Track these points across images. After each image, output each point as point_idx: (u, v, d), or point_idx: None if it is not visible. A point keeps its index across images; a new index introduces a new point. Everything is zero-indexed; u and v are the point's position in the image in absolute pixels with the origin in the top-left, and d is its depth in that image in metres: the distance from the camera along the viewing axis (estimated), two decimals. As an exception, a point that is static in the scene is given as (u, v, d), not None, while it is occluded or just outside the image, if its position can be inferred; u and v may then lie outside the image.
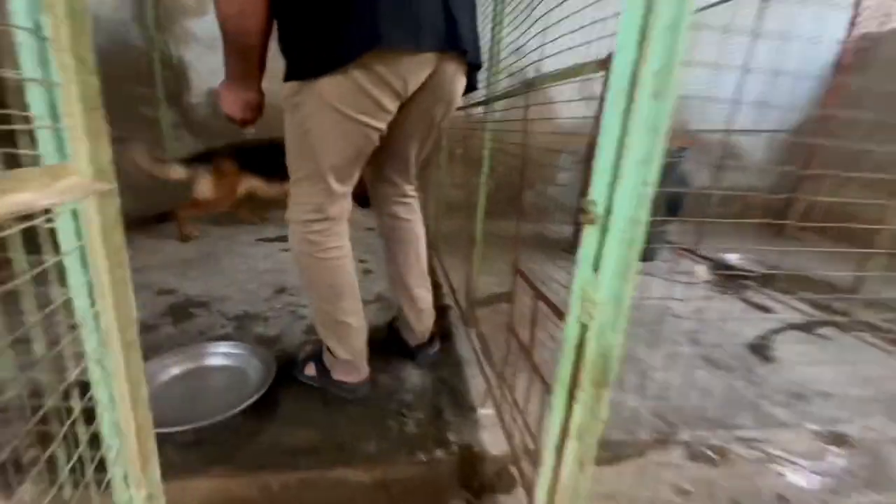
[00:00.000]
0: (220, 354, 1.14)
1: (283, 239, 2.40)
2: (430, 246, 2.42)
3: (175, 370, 1.07)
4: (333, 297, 0.98)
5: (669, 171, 2.23)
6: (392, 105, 0.85)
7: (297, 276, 1.00)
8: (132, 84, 2.57)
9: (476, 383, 1.16)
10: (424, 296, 1.18)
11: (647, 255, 2.39)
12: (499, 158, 1.26)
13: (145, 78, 2.60)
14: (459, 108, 1.42)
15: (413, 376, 1.18)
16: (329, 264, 0.95)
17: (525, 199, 1.10)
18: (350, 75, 0.77)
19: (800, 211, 3.11)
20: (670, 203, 2.26)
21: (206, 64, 2.68)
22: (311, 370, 1.10)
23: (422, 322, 1.20)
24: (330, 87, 0.78)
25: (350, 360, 1.03)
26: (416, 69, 0.83)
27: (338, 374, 1.05)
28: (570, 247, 2.56)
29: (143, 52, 2.58)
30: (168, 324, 1.39)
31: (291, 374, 1.13)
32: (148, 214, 2.63)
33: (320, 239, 0.93)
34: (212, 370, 1.10)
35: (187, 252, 2.10)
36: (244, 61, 0.83)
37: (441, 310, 1.62)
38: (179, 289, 1.65)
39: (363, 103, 0.81)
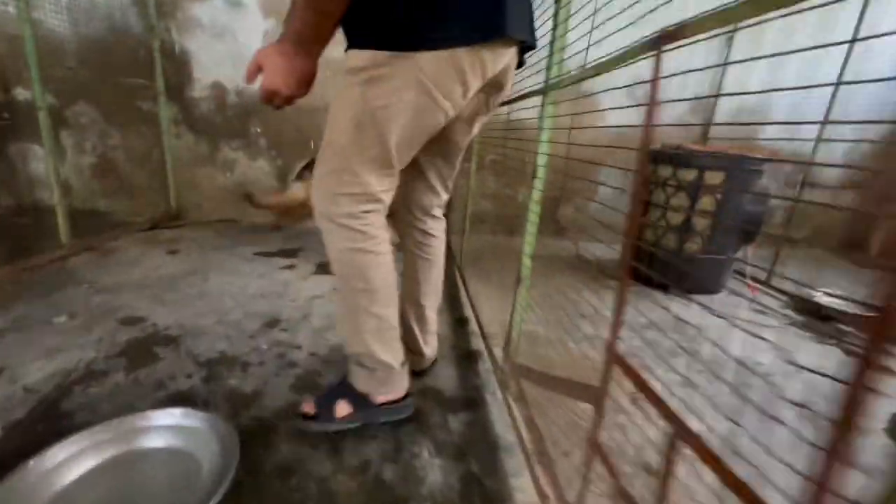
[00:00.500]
0: (165, 431, 0.82)
1: (286, 253, 2.10)
2: (455, 267, 2.08)
3: (92, 460, 0.75)
4: (390, 298, 0.88)
5: (748, 186, 1.85)
6: (472, 94, 0.78)
7: (342, 283, 0.86)
8: (129, 75, 2.33)
9: (521, 487, 0.81)
10: (434, 318, 1.13)
11: (710, 287, 2.00)
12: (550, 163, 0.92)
13: (144, 69, 2.35)
14: (505, 103, 1.09)
15: (431, 469, 0.84)
16: (386, 259, 0.86)
17: (567, 213, 0.77)
18: (455, 55, 0.70)
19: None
20: (747, 224, 1.87)
21: (210, 54, 2.42)
22: (344, 409, 0.91)
23: (430, 346, 1.13)
24: (431, 63, 0.69)
25: (395, 368, 0.91)
26: (505, 60, 0.78)
27: (380, 397, 0.92)
28: (615, 273, 2.19)
29: (142, 41, 2.34)
30: (120, 369, 1.08)
31: (301, 430, 0.91)
32: (148, 217, 2.37)
33: (376, 232, 0.83)
34: (148, 457, 0.78)
35: (173, 266, 1.81)
36: (326, 19, 0.69)
37: (469, 357, 1.28)
38: (149, 317, 1.35)
39: (455, 88, 0.73)
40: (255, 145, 2.59)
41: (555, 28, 0.87)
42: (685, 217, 1.90)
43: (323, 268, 1.93)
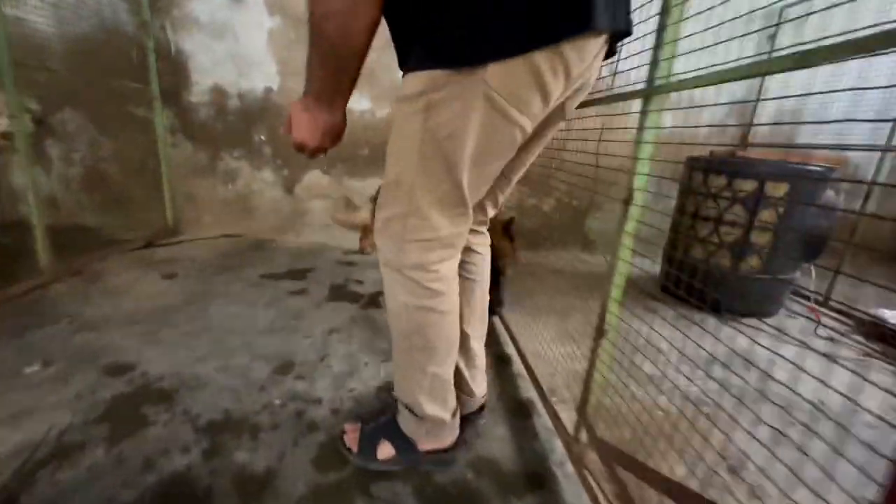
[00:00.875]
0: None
1: (294, 275, 1.89)
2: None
3: None
4: (449, 354, 0.80)
5: (812, 198, 1.65)
6: (554, 102, 0.63)
7: (399, 336, 0.78)
8: (121, 78, 2.12)
9: None
10: (481, 351, 0.96)
11: (766, 309, 1.80)
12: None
13: (137, 71, 2.14)
14: (583, 105, 0.90)
15: None
16: (450, 317, 0.76)
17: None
18: (531, 60, 0.56)
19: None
20: (811, 240, 1.67)
21: (209, 55, 2.21)
22: (387, 451, 0.85)
23: (478, 383, 0.96)
24: (500, 75, 0.57)
25: (446, 421, 0.84)
26: (592, 53, 0.61)
27: (426, 444, 0.85)
28: (659, 292, 1.98)
29: (134, 40, 2.13)
30: (100, 441, 0.87)
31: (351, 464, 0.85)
32: (142, 234, 2.16)
33: (444, 287, 0.73)
34: None
35: (169, 294, 1.60)
36: (341, 74, 0.63)
37: (520, 409, 1.08)
38: (139, 363, 1.14)
39: (532, 99, 0.60)
40: (258, 154, 2.38)
41: (664, 13, 0.67)
42: (742, 232, 1.70)
43: (336, 292, 1.73)
